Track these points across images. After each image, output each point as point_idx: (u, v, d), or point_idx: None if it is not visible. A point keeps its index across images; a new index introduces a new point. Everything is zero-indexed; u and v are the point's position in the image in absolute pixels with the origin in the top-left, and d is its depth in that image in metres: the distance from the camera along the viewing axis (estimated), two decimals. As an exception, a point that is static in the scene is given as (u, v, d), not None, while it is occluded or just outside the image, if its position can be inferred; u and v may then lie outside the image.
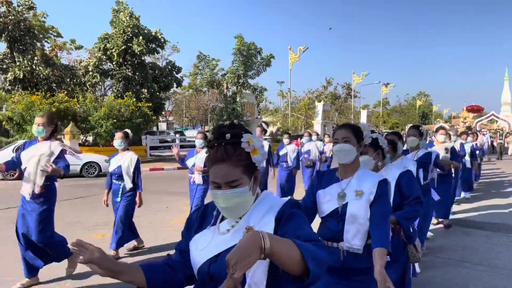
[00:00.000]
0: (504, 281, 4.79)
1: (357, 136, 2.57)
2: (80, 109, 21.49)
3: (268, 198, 1.55)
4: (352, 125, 2.68)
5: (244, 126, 1.53)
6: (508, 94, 47.46)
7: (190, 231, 1.62)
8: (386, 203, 2.43)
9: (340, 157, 2.55)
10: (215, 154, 1.44)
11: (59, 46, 29.50)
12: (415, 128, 5.24)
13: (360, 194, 2.43)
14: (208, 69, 29.36)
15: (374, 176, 2.52)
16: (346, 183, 2.51)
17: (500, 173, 16.51)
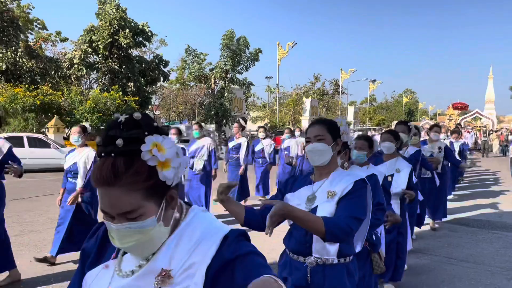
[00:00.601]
0: (489, 277, 4.82)
1: (332, 133, 2.21)
2: (64, 102, 21.14)
3: (199, 223, 1.07)
4: (326, 121, 2.30)
5: (153, 121, 1.01)
6: (492, 92, 48.23)
7: (84, 264, 1.16)
8: (357, 201, 2.02)
9: (313, 159, 2.18)
10: (99, 171, 0.95)
11: (43, 38, 28.97)
12: (404, 124, 4.94)
13: (332, 195, 2.07)
14: (196, 64, 29.12)
15: (352, 175, 2.16)
16: (319, 185, 2.17)
17: (485, 170, 16.66)
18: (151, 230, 0.99)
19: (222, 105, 26.32)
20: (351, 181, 2.07)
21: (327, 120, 2.32)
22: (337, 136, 2.23)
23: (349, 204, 2.00)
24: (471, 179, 13.85)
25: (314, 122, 2.30)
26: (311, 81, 47.21)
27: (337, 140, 2.22)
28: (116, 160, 0.94)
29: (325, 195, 2.09)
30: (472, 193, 10.85)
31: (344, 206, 2.00)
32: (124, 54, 24.81)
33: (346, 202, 2.01)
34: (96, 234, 1.19)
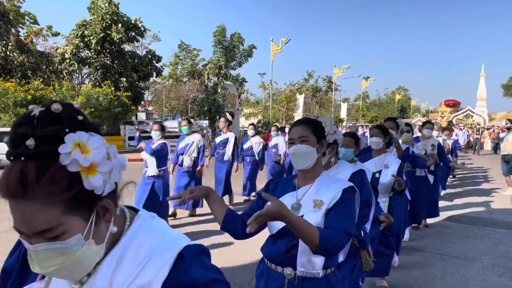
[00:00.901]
0: (480, 273, 4.87)
1: (317, 134, 2.07)
2: (56, 97, 20.94)
3: (146, 235, 0.88)
4: (310, 120, 2.15)
5: (78, 113, 0.83)
6: (483, 90, 48.59)
7: (5, 286, 1.01)
8: (348, 210, 1.89)
9: (297, 162, 2.03)
10: (5, 180, 0.76)
11: (35, 32, 28.67)
12: (392, 120, 4.88)
13: (319, 204, 1.91)
14: (189, 59, 28.96)
15: (340, 182, 2.01)
16: (303, 192, 2.00)
17: (477, 168, 16.75)
18: (77, 251, 0.80)
19: (215, 101, 26.22)
20: (339, 190, 1.92)
21: (312, 120, 2.17)
22: (322, 137, 2.10)
23: (339, 216, 1.85)
24: (463, 176, 13.95)
25: (297, 122, 2.14)
26: (305, 78, 47.21)
27: (322, 142, 2.08)
28: (26, 165, 0.74)
29: (311, 204, 1.93)
30: (463, 191, 10.93)
31: (334, 218, 1.85)
32: (116, 49, 24.60)
33: (336, 214, 1.86)
34: (19, 249, 1.00)
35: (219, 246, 5.60)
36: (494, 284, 4.53)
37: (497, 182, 12.40)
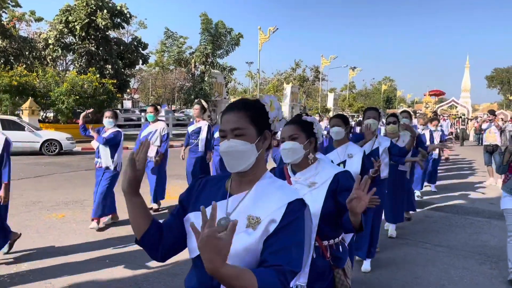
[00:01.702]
0: (462, 260, 4.97)
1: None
2: (40, 84, 20.56)
3: None
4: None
5: None
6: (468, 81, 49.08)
7: None
8: (294, 236, 1.36)
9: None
10: None
11: (17, 17, 27.94)
12: (374, 109, 4.73)
13: (254, 223, 1.38)
14: (175, 47, 28.66)
15: (285, 191, 1.47)
16: (236, 202, 1.46)
17: (461, 159, 16.88)
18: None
19: (202, 90, 26.06)
20: (284, 203, 1.39)
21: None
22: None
23: (282, 246, 1.32)
24: (447, 168, 14.17)
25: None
26: (292, 67, 47.21)
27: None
28: None
29: (244, 221, 1.39)
30: (446, 179, 11.10)
31: (275, 250, 1.32)
32: (101, 35, 24.17)
33: (279, 242, 1.33)
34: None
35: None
36: (475, 272, 4.64)
37: (480, 173, 12.63)
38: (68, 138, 15.06)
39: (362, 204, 1.82)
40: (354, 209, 1.85)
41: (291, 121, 2.32)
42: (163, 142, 6.87)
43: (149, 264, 4.44)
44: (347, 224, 2.06)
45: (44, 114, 21.50)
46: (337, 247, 2.31)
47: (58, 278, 4.09)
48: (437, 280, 4.38)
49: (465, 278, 4.45)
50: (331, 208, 2.24)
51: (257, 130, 1.47)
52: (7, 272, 4.22)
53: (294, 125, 2.28)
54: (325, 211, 2.22)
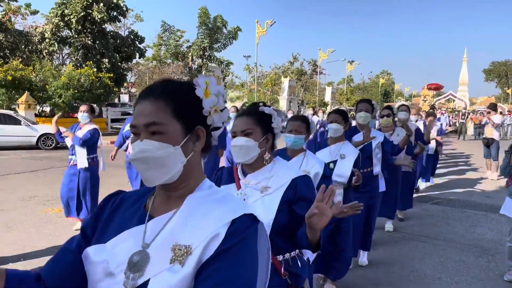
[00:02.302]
0: (459, 254, 4.98)
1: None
2: (36, 78, 20.43)
3: None
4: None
5: None
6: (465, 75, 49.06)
7: None
8: (237, 267, 0.94)
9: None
10: None
11: (13, 11, 27.72)
12: (367, 102, 4.47)
13: (181, 255, 0.95)
14: (172, 41, 28.50)
15: (228, 204, 1.04)
16: (160, 226, 1.02)
17: (459, 153, 16.72)
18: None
19: (200, 84, 25.97)
20: (226, 221, 0.98)
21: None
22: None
23: (222, 281, 0.92)
24: (445, 161, 14.18)
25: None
26: (290, 61, 47.06)
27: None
28: None
29: (168, 254, 0.96)
30: (444, 173, 11.12)
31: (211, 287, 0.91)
32: (98, 29, 24.01)
33: (216, 274, 0.92)
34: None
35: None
36: (472, 265, 4.65)
37: (477, 166, 12.66)
38: (65, 132, 14.99)
39: (323, 220, 1.51)
40: (314, 226, 1.54)
41: (244, 113, 1.96)
42: None
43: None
44: (302, 240, 1.72)
45: (40, 108, 21.39)
46: (294, 262, 1.93)
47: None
48: (433, 273, 4.39)
49: (461, 271, 4.46)
50: (285, 218, 1.87)
51: (184, 125, 1.03)
52: (3, 267, 4.20)
53: (248, 118, 1.90)
54: (279, 221, 1.85)
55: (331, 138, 3.63)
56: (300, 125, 2.85)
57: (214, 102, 1.08)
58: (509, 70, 76.41)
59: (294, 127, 2.83)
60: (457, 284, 4.13)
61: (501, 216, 6.74)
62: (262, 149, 1.91)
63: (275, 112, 1.99)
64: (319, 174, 2.72)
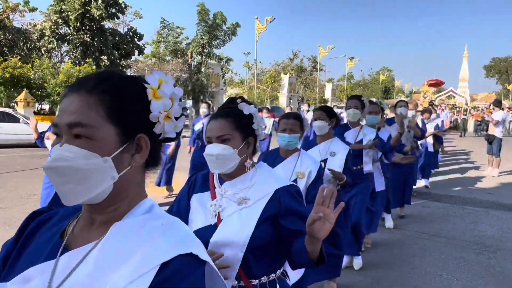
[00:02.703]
0: (459, 251, 4.95)
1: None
2: (35, 75, 20.38)
3: None
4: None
5: None
6: (466, 71, 48.98)
7: None
8: None
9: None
10: None
11: (11, 8, 27.63)
12: (356, 98, 4.28)
13: None
14: (172, 37, 28.42)
15: (166, 238, 0.79)
16: (73, 264, 0.77)
17: (460, 150, 16.44)
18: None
19: (199, 81, 25.90)
20: (154, 264, 0.73)
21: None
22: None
23: None
24: (446, 159, 14.16)
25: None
26: (290, 57, 47.01)
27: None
28: None
29: None
30: (444, 170, 11.09)
31: None
32: (96, 26, 23.95)
33: None
34: None
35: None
36: (473, 262, 4.62)
37: (477, 163, 12.62)
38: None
39: (327, 227, 1.30)
40: (316, 234, 1.31)
41: (220, 114, 1.65)
42: None
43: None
44: (301, 256, 1.46)
45: (39, 106, 21.34)
46: (272, 287, 1.62)
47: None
48: (434, 270, 4.36)
49: (462, 268, 4.43)
50: (265, 235, 1.58)
51: (121, 131, 0.80)
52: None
53: (225, 121, 1.60)
54: (257, 239, 1.56)
55: (318, 136, 3.47)
56: (294, 123, 2.69)
57: (167, 107, 0.84)
58: (510, 66, 76.32)
59: (287, 126, 2.66)
60: (458, 281, 4.10)
61: (502, 213, 6.74)
62: (243, 156, 1.63)
63: (255, 109, 1.70)
64: (312, 173, 2.66)
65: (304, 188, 2.64)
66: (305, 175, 2.69)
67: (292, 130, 2.66)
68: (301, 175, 2.68)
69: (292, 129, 2.66)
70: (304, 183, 2.67)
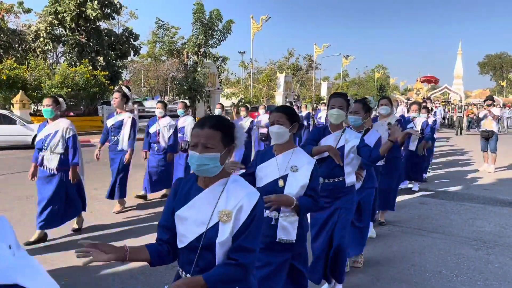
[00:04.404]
0: (458, 247, 4.99)
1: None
2: (30, 77, 20.28)
3: None
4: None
5: None
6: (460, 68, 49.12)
7: None
8: None
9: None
10: None
11: (5, 9, 27.47)
12: (340, 97, 3.51)
13: None
14: (167, 37, 28.33)
15: None
16: None
17: (458, 149, 16.02)
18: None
19: (195, 80, 25.84)
20: None
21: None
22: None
23: None
24: (442, 156, 14.21)
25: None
26: (285, 56, 46.94)
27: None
28: None
29: None
30: (441, 167, 11.14)
31: None
32: (92, 26, 23.84)
33: None
34: None
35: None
36: (471, 258, 4.65)
37: (473, 159, 12.69)
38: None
39: None
40: None
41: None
42: (70, 148, 4.99)
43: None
44: None
45: (35, 107, 21.23)
46: None
47: (54, 271, 4.04)
48: (433, 266, 4.39)
49: (461, 264, 4.46)
50: None
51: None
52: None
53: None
54: None
55: (276, 145, 2.76)
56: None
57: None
58: (504, 62, 76.71)
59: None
60: (457, 277, 4.13)
61: (499, 209, 6.79)
62: None
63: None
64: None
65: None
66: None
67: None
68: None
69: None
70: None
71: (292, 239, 2.66)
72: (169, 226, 1.85)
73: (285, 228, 2.66)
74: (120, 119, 6.12)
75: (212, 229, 1.72)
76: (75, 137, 5.04)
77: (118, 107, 6.14)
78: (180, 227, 1.80)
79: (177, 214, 1.81)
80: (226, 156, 1.80)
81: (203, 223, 1.74)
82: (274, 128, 2.67)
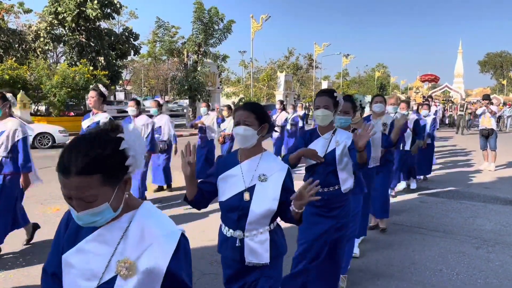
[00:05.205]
0: (458, 245, 4.99)
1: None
2: (30, 77, 20.29)
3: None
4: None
5: None
6: (461, 66, 49.20)
7: None
8: None
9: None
10: None
11: (5, 9, 27.48)
12: (327, 95, 3.08)
13: None
14: (167, 37, 28.34)
15: None
16: None
17: (459, 150, 15.65)
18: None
19: (196, 80, 25.84)
20: None
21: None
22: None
23: None
24: (442, 155, 14.20)
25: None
26: (285, 55, 46.94)
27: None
28: None
29: None
30: (441, 166, 11.13)
31: None
32: (92, 26, 23.84)
33: None
34: None
35: (203, 226, 5.62)
36: (472, 256, 4.65)
37: (473, 158, 12.69)
38: (60, 131, 14.91)
39: None
40: None
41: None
42: (20, 152, 4.63)
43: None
44: None
45: (35, 107, 21.24)
46: None
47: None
48: (434, 265, 4.39)
49: (462, 263, 4.46)
50: None
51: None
52: (1, 267, 4.17)
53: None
54: None
55: (241, 150, 2.35)
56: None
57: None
58: (504, 61, 76.64)
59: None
60: (458, 276, 4.13)
61: (500, 207, 6.79)
62: None
63: None
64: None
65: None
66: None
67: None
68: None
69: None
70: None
71: (265, 262, 2.22)
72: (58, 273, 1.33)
73: (253, 251, 2.22)
74: (96, 120, 5.47)
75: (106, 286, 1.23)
76: (25, 139, 4.52)
77: (95, 107, 5.54)
78: (65, 277, 1.29)
79: (63, 257, 1.31)
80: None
81: (94, 276, 1.25)
82: (239, 130, 2.23)
